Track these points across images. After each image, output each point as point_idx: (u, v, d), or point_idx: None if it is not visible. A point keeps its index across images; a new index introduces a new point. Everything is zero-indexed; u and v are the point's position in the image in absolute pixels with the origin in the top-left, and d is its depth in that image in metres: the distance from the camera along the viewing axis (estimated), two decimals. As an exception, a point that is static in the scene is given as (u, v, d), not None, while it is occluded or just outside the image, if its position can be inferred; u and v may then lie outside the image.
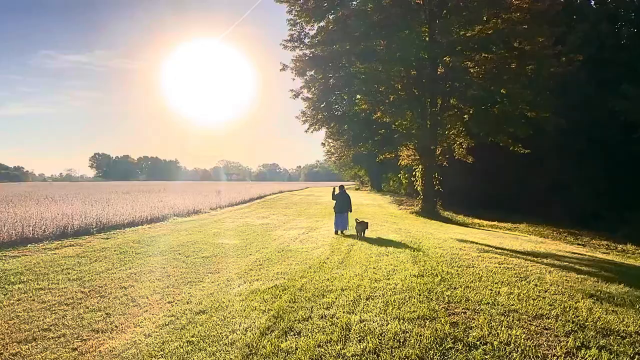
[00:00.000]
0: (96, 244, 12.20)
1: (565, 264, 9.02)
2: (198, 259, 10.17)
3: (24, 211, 14.81)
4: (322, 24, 22.70)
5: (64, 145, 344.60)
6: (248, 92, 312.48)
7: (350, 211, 14.72)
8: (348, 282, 7.03)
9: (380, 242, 12.05)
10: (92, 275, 8.46)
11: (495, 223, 24.98)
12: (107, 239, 13.43)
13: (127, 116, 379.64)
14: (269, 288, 7.04)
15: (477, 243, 11.80)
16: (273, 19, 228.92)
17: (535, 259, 9.38)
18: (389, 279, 7.06)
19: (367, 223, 13.67)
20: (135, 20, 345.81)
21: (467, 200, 33.75)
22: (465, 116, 23.67)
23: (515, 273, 7.50)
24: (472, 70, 22.06)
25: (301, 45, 23.35)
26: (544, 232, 22.52)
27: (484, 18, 21.40)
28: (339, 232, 14.14)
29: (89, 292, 7.37)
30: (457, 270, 7.58)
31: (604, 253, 15.07)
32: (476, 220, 25.58)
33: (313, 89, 24.54)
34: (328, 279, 7.36)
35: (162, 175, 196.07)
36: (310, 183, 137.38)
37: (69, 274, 8.62)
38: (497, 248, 11.01)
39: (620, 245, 18.36)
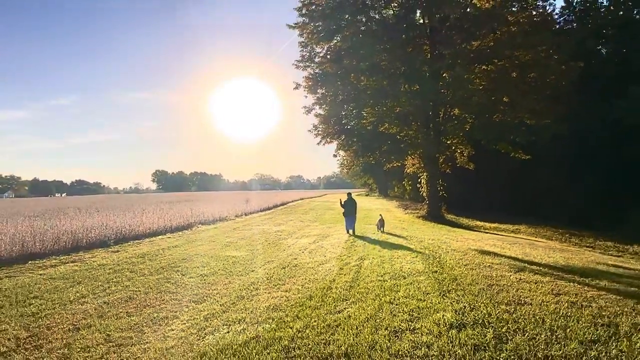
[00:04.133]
0: (97, 260, 9.52)
1: (632, 289, 5.78)
2: (193, 279, 7.38)
3: (41, 225, 12.28)
4: (330, 44, 19.85)
5: (133, 163, 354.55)
6: (278, 115, 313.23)
7: (355, 213, 14.07)
8: (357, 335, 3.99)
9: (392, 252, 9.02)
10: (54, 308, 5.73)
11: (497, 225, 21.58)
12: (116, 252, 10.77)
13: (182, 139, 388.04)
14: (246, 341, 4.11)
15: (501, 255, 8.60)
16: (295, 52, 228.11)
17: (587, 281, 6.17)
18: (414, 330, 4.01)
19: (384, 220, 14.59)
20: (188, 64, 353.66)
21: (468, 204, 30.18)
22: (466, 125, 20.32)
23: (591, 315, 4.31)
24: (473, 81, 18.73)
25: (312, 65, 20.52)
26: (545, 234, 19.23)
27: (482, 33, 18.25)
28: (349, 231, 13.64)
29: (25, 339, 4.63)
30: (509, 313, 4.41)
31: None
32: (479, 223, 22.14)
33: (324, 105, 21.62)
34: (329, 325, 4.37)
35: (209, 187, 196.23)
36: (328, 191, 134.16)
37: (29, 305, 5.91)
38: (527, 262, 7.80)
39: (633, 247, 14.93)
